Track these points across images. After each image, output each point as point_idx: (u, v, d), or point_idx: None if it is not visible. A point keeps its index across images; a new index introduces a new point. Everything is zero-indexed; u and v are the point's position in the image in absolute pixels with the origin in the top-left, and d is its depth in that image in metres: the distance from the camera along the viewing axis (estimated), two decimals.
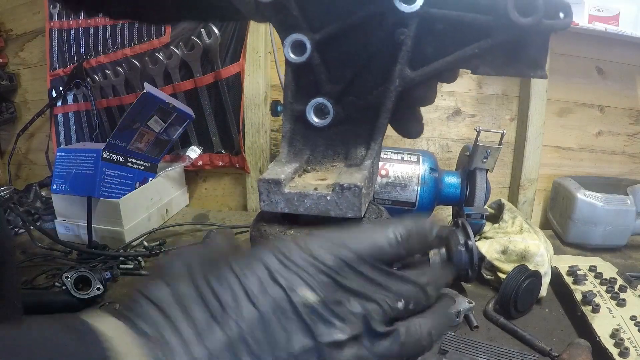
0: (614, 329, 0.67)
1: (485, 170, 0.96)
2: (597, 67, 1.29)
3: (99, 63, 1.41)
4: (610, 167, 1.35)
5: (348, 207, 0.40)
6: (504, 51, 0.38)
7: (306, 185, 0.42)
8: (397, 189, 0.96)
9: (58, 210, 1.14)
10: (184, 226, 1.22)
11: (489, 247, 0.87)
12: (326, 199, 0.40)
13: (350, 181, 0.39)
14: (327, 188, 0.41)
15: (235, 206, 1.47)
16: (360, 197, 0.39)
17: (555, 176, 1.26)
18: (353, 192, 0.39)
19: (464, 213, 0.93)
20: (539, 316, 0.79)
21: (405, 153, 0.99)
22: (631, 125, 1.33)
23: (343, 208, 0.40)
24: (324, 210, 0.40)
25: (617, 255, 1.06)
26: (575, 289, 0.80)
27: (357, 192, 0.39)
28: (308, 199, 0.40)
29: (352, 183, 0.39)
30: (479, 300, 0.80)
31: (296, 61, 0.42)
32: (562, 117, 1.31)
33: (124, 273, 0.94)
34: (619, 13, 1.17)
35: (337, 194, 0.39)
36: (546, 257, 0.85)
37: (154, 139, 1.20)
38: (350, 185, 0.39)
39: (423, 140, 1.34)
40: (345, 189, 0.39)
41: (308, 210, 0.41)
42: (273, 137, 1.41)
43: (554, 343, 0.70)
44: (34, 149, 1.67)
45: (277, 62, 1.25)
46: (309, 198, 0.40)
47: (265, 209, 0.42)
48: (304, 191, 0.40)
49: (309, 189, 0.41)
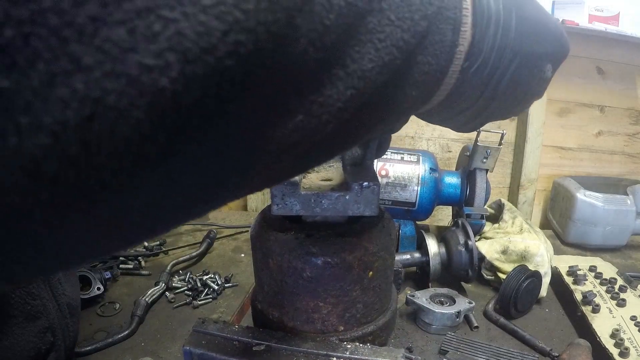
0: (614, 329, 0.67)
1: (485, 171, 0.96)
2: (597, 67, 1.29)
3: None
4: (610, 167, 1.35)
5: (366, 205, 0.40)
6: None
7: (319, 186, 0.42)
8: (397, 189, 0.96)
9: None
10: (184, 226, 1.22)
11: (489, 247, 0.87)
12: (345, 198, 0.40)
13: (368, 180, 0.39)
14: (341, 187, 0.40)
15: (235, 206, 1.47)
16: (377, 194, 0.39)
17: (555, 176, 1.26)
18: (372, 190, 0.39)
19: (464, 213, 0.93)
20: (539, 316, 0.79)
21: (405, 153, 0.99)
22: (631, 125, 1.33)
23: (362, 206, 0.40)
24: (342, 210, 0.40)
25: (617, 255, 1.06)
26: (575, 289, 0.80)
27: (376, 190, 0.39)
28: (326, 199, 0.40)
29: (371, 181, 0.39)
30: (479, 301, 0.80)
31: None
32: (562, 117, 1.32)
33: (124, 273, 0.94)
34: (619, 13, 1.17)
35: (357, 193, 0.39)
36: (546, 257, 0.85)
37: None
38: (370, 184, 0.39)
39: (423, 140, 1.34)
40: (365, 187, 0.39)
41: (325, 211, 0.40)
42: None
43: (554, 343, 0.70)
44: None
45: None
46: (327, 198, 0.40)
47: (278, 213, 0.41)
48: (321, 192, 0.40)
49: (324, 189, 0.40)
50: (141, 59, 0.13)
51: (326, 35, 0.18)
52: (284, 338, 0.45)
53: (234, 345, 0.45)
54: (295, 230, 0.45)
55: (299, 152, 0.22)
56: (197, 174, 0.18)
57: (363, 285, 0.46)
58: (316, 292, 0.45)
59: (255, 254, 0.49)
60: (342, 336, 0.47)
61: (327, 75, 0.20)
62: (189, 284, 0.87)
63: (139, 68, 0.14)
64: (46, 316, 0.50)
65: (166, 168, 0.16)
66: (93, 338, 0.71)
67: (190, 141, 0.16)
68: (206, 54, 0.14)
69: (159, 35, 0.14)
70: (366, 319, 0.48)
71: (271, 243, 0.45)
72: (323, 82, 0.20)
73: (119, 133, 0.14)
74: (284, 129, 0.20)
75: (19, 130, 0.12)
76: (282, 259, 0.44)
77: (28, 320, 0.48)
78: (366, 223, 0.46)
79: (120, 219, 0.17)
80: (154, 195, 0.17)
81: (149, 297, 0.80)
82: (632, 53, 1.26)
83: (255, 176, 0.22)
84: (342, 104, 0.21)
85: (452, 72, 0.29)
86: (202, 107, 0.16)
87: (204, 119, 0.16)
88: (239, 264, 0.99)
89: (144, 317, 0.76)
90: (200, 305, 0.81)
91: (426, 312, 0.72)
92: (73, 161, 0.14)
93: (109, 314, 0.79)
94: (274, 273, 0.46)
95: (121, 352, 0.68)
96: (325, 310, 0.46)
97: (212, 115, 0.16)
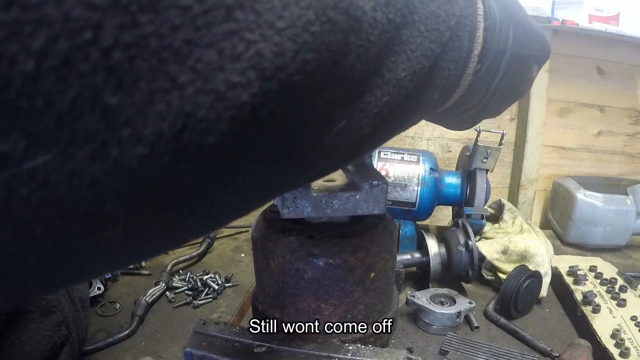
0: (615, 329, 0.67)
1: (485, 171, 0.96)
2: (597, 67, 1.29)
3: None
4: (610, 167, 1.35)
5: (375, 204, 0.40)
6: None
7: (328, 187, 0.42)
8: (397, 189, 0.96)
9: None
10: None
11: (489, 247, 0.87)
12: (355, 198, 0.40)
13: (377, 179, 0.39)
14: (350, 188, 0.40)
15: None
16: (386, 193, 0.39)
17: (555, 176, 1.27)
18: (381, 189, 0.39)
19: (464, 213, 0.93)
20: (540, 316, 0.79)
21: (405, 153, 0.99)
22: (631, 125, 1.33)
23: (371, 205, 0.40)
24: (352, 209, 0.40)
25: (617, 255, 1.06)
26: (576, 289, 0.80)
27: (385, 189, 0.39)
28: (337, 200, 0.40)
29: (380, 180, 0.39)
30: (479, 301, 0.80)
31: None
32: (562, 117, 1.32)
33: (124, 273, 0.94)
34: (619, 13, 1.17)
35: (366, 192, 0.39)
36: (546, 257, 0.85)
37: None
38: (379, 183, 0.39)
39: (423, 140, 1.34)
40: (375, 186, 0.39)
41: (335, 212, 0.40)
42: None
43: (555, 343, 0.70)
44: None
45: None
46: (337, 199, 0.40)
47: (289, 216, 0.41)
48: (332, 192, 0.40)
49: (334, 190, 0.40)
50: (228, 77, 0.15)
51: (371, 50, 0.20)
52: (285, 339, 0.45)
53: (235, 346, 0.45)
54: (296, 231, 0.45)
55: (338, 154, 0.24)
56: (261, 176, 0.20)
57: (365, 287, 0.46)
58: (318, 294, 0.45)
59: (257, 255, 0.49)
60: (343, 337, 0.47)
61: (368, 85, 0.22)
62: (189, 283, 0.87)
63: (225, 85, 0.15)
64: (60, 310, 0.51)
65: (236, 172, 0.18)
66: (93, 338, 0.71)
67: (259, 147, 0.18)
68: (280, 71, 0.16)
69: (242, 55, 0.15)
70: (368, 320, 0.48)
71: (273, 244, 0.45)
72: (364, 90, 0.22)
73: (206, 143, 0.16)
74: (329, 134, 0.22)
75: (121, 142, 0.14)
76: (283, 260, 0.44)
77: (44, 315, 0.49)
78: (368, 224, 0.46)
79: (186, 221, 0.19)
80: (224, 197, 0.19)
81: (149, 297, 0.80)
82: (632, 53, 1.26)
83: (302, 176, 0.25)
84: (378, 109, 0.23)
85: (467, 75, 0.31)
86: (272, 117, 0.17)
87: (272, 127, 0.18)
88: (239, 264, 0.99)
89: (144, 317, 0.76)
90: (201, 305, 0.81)
91: (426, 313, 0.72)
92: (164, 170, 0.15)
93: (109, 314, 0.79)
94: (275, 274, 0.46)
95: (121, 352, 0.68)
96: (327, 311, 0.46)
97: (278, 123, 0.18)
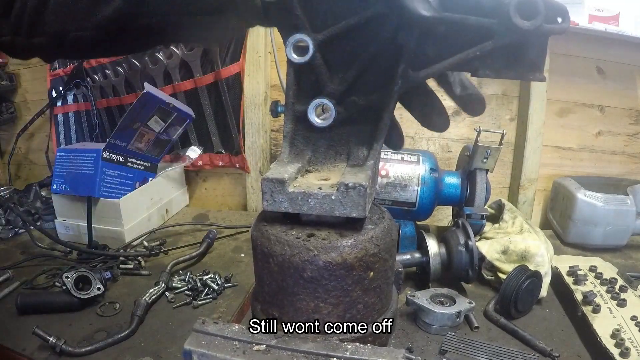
0: (615, 329, 0.67)
1: (485, 171, 0.96)
2: (597, 67, 1.29)
3: (99, 63, 1.41)
4: (610, 167, 1.35)
5: (353, 206, 0.40)
6: (504, 54, 0.38)
7: (310, 184, 0.42)
8: (398, 189, 0.96)
9: (58, 210, 1.14)
10: (184, 226, 1.22)
11: (489, 247, 0.87)
12: (331, 198, 0.40)
13: (355, 181, 0.39)
14: (331, 187, 0.41)
15: (235, 206, 1.47)
16: (365, 196, 0.39)
17: (555, 176, 1.26)
18: (358, 191, 0.39)
19: (464, 213, 0.93)
20: (540, 316, 0.79)
21: (405, 153, 0.99)
22: (631, 125, 1.33)
23: (348, 207, 0.40)
24: (328, 209, 0.40)
25: (617, 255, 1.06)
26: (576, 289, 0.80)
27: (362, 192, 0.39)
28: (312, 198, 0.40)
29: (357, 182, 0.39)
30: (479, 301, 0.80)
31: (298, 61, 0.42)
32: (562, 117, 1.31)
33: (124, 273, 0.94)
34: (619, 13, 1.17)
35: (342, 194, 0.39)
36: (546, 257, 0.85)
37: (154, 139, 1.20)
38: (356, 185, 0.39)
39: (423, 140, 1.34)
40: (350, 188, 0.39)
41: (312, 210, 0.41)
42: (273, 137, 1.41)
43: (555, 343, 0.70)
44: (34, 149, 1.66)
45: (277, 63, 1.25)
46: (313, 197, 0.40)
47: (268, 209, 0.42)
48: (308, 190, 0.40)
49: (312, 188, 0.41)
50: None
51: None
52: (284, 338, 0.45)
53: (234, 345, 0.45)
54: (296, 230, 0.45)
55: None
56: None
57: (364, 286, 0.46)
58: (317, 293, 0.45)
59: (256, 254, 0.49)
60: (342, 337, 0.47)
61: None
62: (189, 284, 0.87)
63: None
64: None
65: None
66: (93, 338, 0.71)
67: None
68: None
69: None
70: (367, 320, 0.48)
71: (272, 243, 0.45)
72: None
73: None
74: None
75: None
76: (282, 259, 0.44)
77: None
78: (367, 223, 0.46)
79: None
80: None
81: (149, 297, 0.80)
82: (632, 53, 1.26)
83: None
84: None
85: None
86: None
87: None
88: (239, 264, 0.99)
89: (144, 317, 0.76)
90: (200, 305, 0.81)
91: (426, 312, 0.72)
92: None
93: (109, 314, 0.79)
94: (275, 273, 0.46)
95: (121, 352, 0.68)
96: (326, 310, 0.46)
97: None
